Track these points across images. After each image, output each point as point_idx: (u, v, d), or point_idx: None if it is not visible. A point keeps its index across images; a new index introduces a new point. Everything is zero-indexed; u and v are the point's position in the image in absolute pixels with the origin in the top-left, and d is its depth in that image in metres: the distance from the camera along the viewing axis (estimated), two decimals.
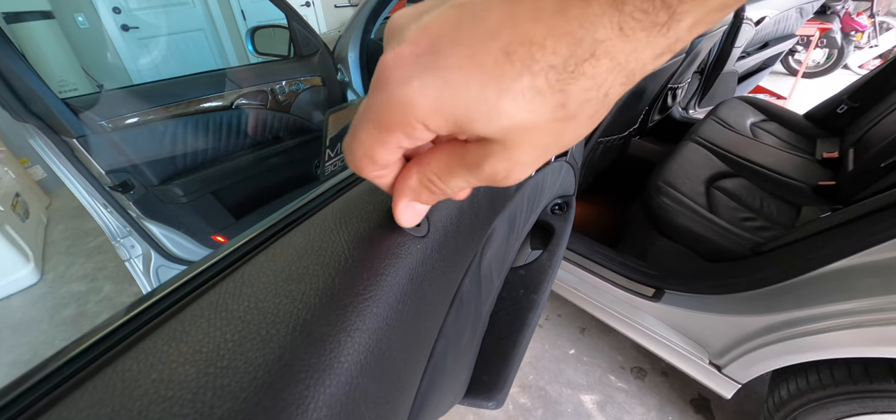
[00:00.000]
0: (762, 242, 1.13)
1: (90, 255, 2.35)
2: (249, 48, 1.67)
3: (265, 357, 0.18)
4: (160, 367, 0.17)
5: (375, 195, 0.30)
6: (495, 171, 0.17)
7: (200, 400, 0.16)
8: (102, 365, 0.18)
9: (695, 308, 1.11)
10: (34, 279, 2.18)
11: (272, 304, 0.20)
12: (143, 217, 1.32)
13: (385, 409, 0.22)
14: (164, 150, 1.36)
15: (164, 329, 0.19)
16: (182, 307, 0.21)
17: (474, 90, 0.14)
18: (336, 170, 1.07)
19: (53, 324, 1.89)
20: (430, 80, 0.15)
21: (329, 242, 0.25)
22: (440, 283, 0.31)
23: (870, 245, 0.80)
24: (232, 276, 0.22)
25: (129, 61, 3.15)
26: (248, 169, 1.54)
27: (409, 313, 0.25)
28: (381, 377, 0.22)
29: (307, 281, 0.22)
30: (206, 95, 1.42)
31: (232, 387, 0.16)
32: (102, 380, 0.17)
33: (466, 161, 0.18)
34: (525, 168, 0.17)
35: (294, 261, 0.23)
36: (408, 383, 0.25)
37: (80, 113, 1.16)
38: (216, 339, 0.18)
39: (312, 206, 0.29)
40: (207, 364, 0.17)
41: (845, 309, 0.84)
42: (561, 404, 1.38)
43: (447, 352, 0.32)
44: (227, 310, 0.20)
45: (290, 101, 1.62)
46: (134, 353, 0.18)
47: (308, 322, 0.20)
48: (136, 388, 0.16)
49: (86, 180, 1.20)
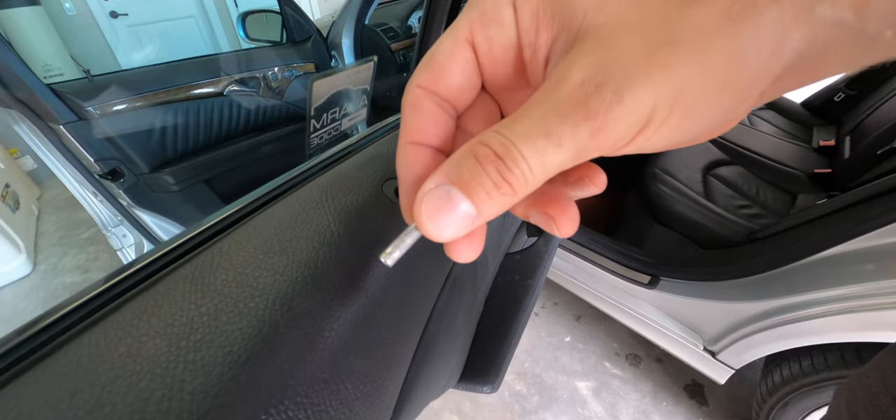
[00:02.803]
0: (758, 230, 1.13)
1: (82, 246, 2.32)
2: (241, 34, 1.63)
3: (242, 331, 0.17)
4: (129, 340, 0.16)
5: (364, 170, 0.29)
6: (623, 129, 0.10)
7: (170, 374, 0.15)
8: (68, 339, 0.17)
9: (690, 295, 1.12)
10: (26, 271, 2.15)
11: (252, 277, 0.19)
12: (134, 205, 1.30)
13: (373, 387, 0.21)
14: (155, 138, 1.33)
15: (136, 302, 0.18)
16: (156, 281, 0.20)
17: None
18: (322, 144, 1.03)
19: None
20: None
21: (314, 216, 0.24)
22: (430, 261, 0.30)
23: (865, 231, 0.80)
24: (210, 249, 0.21)
25: (117, 49, 3.09)
26: (241, 156, 1.52)
27: (397, 290, 0.24)
28: (369, 354, 0.21)
29: (289, 254, 0.21)
30: (197, 81, 1.39)
31: (205, 361, 0.15)
32: (66, 354, 0.16)
33: (575, 107, 0.10)
34: (670, 134, 0.11)
35: (276, 234, 0.22)
36: (397, 362, 0.24)
37: (67, 98, 1.13)
38: (190, 313, 0.17)
39: (297, 180, 0.28)
40: (180, 338, 0.16)
41: (839, 294, 0.84)
42: (556, 391, 1.39)
43: (439, 332, 0.31)
44: (204, 282, 0.19)
45: (283, 87, 1.59)
46: (102, 327, 0.17)
47: (289, 296, 0.19)
48: (102, 363, 0.15)
49: (74, 168, 1.17)
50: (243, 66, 1.50)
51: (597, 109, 0.10)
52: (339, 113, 1.11)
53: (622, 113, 0.10)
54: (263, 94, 1.54)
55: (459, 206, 0.12)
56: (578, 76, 0.10)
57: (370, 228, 0.24)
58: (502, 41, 0.13)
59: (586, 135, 0.10)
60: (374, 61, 1.13)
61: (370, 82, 1.15)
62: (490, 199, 0.11)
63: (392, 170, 0.30)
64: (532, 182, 0.11)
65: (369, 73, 1.14)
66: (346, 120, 1.12)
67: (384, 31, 1.83)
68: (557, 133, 0.10)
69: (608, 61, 0.10)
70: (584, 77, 0.10)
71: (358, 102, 1.15)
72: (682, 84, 0.10)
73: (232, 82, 1.46)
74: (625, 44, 0.10)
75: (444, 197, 0.12)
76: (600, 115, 0.10)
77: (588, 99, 0.10)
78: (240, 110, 1.50)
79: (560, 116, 0.10)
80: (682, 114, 0.10)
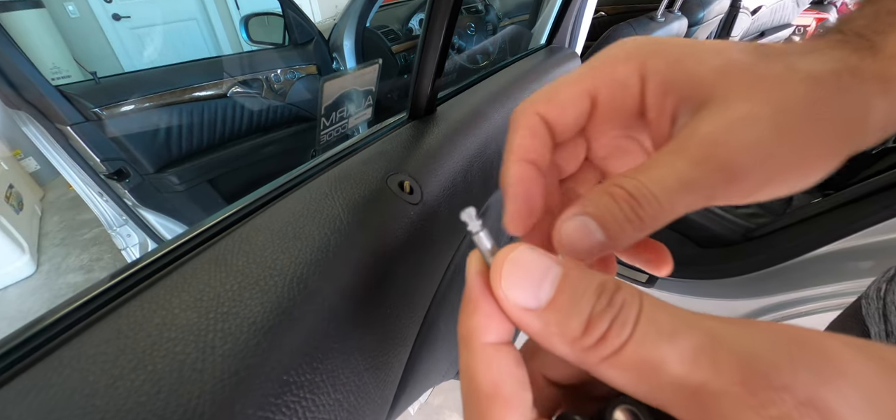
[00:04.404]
0: (754, 228, 1.15)
1: (86, 246, 2.34)
2: (243, 36, 1.65)
3: (264, 305, 0.19)
4: (163, 312, 0.18)
5: (369, 166, 0.31)
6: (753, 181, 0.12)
7: (202, 340, 0.17)
8: (107, 312, 0.18)
9: (687, 293, 1.13)
10: (30, 270, 2.17)
11: (270, 259, 0.21)
12: (139, 205, 1.32)
13: (379, 360, 0.23)
14: (159, 138, 1.35)
15: (166, 281, 0.20)
16: (182, 263, 0.21)
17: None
18: (331, 141, 1.06)
19: None
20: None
21: (325, 206, 0.25)
22: (433, 250, 0.32)
23: (861, 228, 0.82)
24: (231, 235, 0.23)
25: (120, 51, 3.11)
26: (244, 157, 1.54)
27: (402, 274, 0.26)
28: (375, 330, 0.23)
29: (303, 239, 0.23)
30: (201, 83, 1.41)
31: (232, 329, 0.17)
32: (108, 323, 0.18)
33: (707, 157, 0.12)
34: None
35: (291, 221, 0.24)
36: (401, 340, 0.26)
37: (74, 100, 1.16)
38: (216, 289, 0.19)
39: (308, 174, 0.30)
40: (208, 310, 0.18)
41: (835, 290, 0.85)
42: None
43: (440, 317, 0.33)
44: (227, 264, 0.21)
45: (286, 89, 1.61)
46: (138, 302, 0.19)
47: (305, 275, 0.21)
48: (140, 331, 0.17)
49: (80, 168, 1.19)
50: (246, 68, 1.52)
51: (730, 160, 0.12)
52: (347, 112, 1.14)
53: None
54: (266, 96, 1.56)
55: (594, 235, 0.13)
56: (707, 129, 0.13)
57: (376, 217, 0.26)
58: (626, 102, 0.15)
59: (720, 181, 0.12)
60: (379, 64, 1.16)
61: (375, 84, 1.17)
62: (621, 231, 0.13)
63: (395, 165, 0.32)
64: (660, 219, 0.13)
65: (374, 76, 1.17)
66: (352, 119, 1.15)
67: (385, 34, 1.86)
68: (689, 178, 0.12)
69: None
70: (714, 130, 0.12)
71: (363, 103, 1.18)
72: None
73: (235, 84, 1.48)
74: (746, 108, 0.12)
75: (581, 226, 0.13)
76: (736, 166, 0.12)
77: (717, 149, 0.12)
78: (243, 111, 1.53)
79: (693, 163, 0.12)
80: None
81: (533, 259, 0.12)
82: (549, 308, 0.11)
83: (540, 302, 0.11)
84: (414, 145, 0.34)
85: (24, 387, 0.15)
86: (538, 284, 0.11)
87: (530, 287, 0.11)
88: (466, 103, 0.46)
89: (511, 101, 0.52)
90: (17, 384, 0.15)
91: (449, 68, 1.78)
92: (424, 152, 0.34)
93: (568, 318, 0.11)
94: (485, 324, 0.12)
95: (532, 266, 0.11)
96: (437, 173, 0.33)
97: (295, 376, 0.17)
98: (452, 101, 0.47)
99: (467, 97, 0.48)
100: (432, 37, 0.34)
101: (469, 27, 2.02)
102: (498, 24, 2.06)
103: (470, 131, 0.41)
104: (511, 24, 1.94)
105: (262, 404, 0.16)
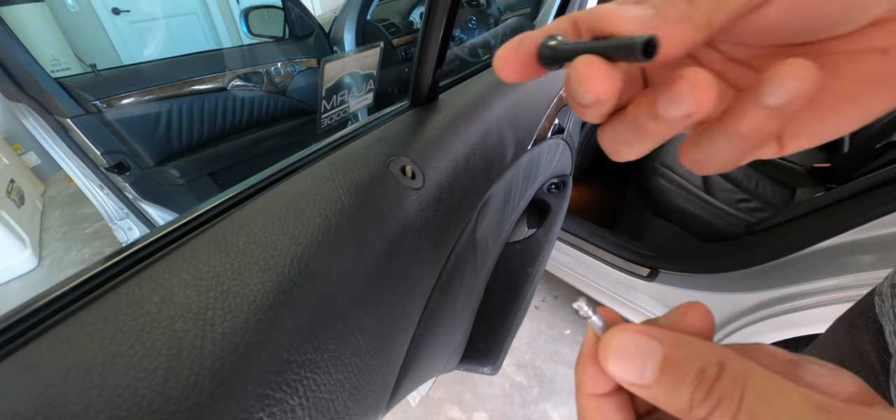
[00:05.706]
0: (756, 222, 1.15)
1: (87, 240, 2.34)
2: (243, 29, 1.64)
3: (264, 284, 0.18)
4: (162, 291, 0.18)
5: (371, 150, 0.30)
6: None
7: (202, 318, 0.16)
8: (105, 291, 0.18)
9: (689, 287, 1.13)
10: (32, 265, 2.17)
11: (270, 239, 0.21)
12: (139, 199, 1.32)
13: (381, 343, 0.22)
14: (160, 132, 1.35)
15: (165, 261, 0.20)
16: (181, 244, 0.21)
17: None
18: (332, 125, 1.06)
19: None
20: None
21: (326, 189, 0.25)
22: (435, 237, 0.31)
23: (863, 222, 0.81)
24: (231, 216, 0.23)
25: (120, 45, 3.10)
26: (245, 151, 1.54)
27: (404, 259, 0.26)
28: (377, 313, 0.22)
29: (304, 221, 0.22)
30: (201, 76, 1.41)
31: (232, 308, 0.17)
32: (106, 302, 0.17)
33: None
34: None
35: (292, 203, 0.24)
36: (403, 325, 0.26)
37: (74, 92, 1.15)
38: (216, 269, 0.19)
39: (309, 158, 0.30)
40: (208, 289, 0.18)
41: (838, 284, 0.85)
42: (556, 383, 1.40)
43: (442, 305, 0.32)
44: (227, 244, 0.20)
45: (286, 82, 1.60)
46: (136, 281, 0.19)
47: (305, 256, 0.20)
48: (139, 309, 0.17)
49: (81, 161, 1.19)
50: (247, 61, 1.52)
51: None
52: (348, 95, 1.13)
53: None
54: (266, 89, 1.56)
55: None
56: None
57: (377, 200, 0.26)
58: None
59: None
60: (380, 47, 1.15)
61: (376, 68, 1.17)
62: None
63: (397, 150, 0.31)
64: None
65: (376, 59, 1.16)
66: (353, 103, 1.14)
67: (386, 27, 1.85)
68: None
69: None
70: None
71: (365, 86, 1.17)
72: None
73: (235, 77, 1.47)
74: None
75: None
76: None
77: None
78: (243, 105, 1.52)
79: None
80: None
81: (635, 344, 0.12)
82: (654, 386, 0.12)
83: (644, 381, 0.12)
84: (415, 131, 0.34)
85: (18, 364, 0.15)
86: (640, 368, 0.12)
87: (634, 371, 0.12)
88: (468, 92, 0.45)
89: (513, 90, 0.51)
90: (11, 362, 0.15)
91: (450, 60, 1.77)
92: (426, 138, 0.34)
93: (671, 395, 0.11)
94: (593, 380, 0.13)
95: (634, 352, 0.12)
96: (439, 159, 0.33)
97: (296, 355, 0.17)
98: (454, 89, 0.46)
99: (469, 86, 0.47)
100: (434, 23, 0.34)
101: (470, 20, 2.01)
102: (499, 17, 2.04)
103: (472, 119, 0.40)
104: (513, 17, 1.93)
105: (263, 381, 0.15)
